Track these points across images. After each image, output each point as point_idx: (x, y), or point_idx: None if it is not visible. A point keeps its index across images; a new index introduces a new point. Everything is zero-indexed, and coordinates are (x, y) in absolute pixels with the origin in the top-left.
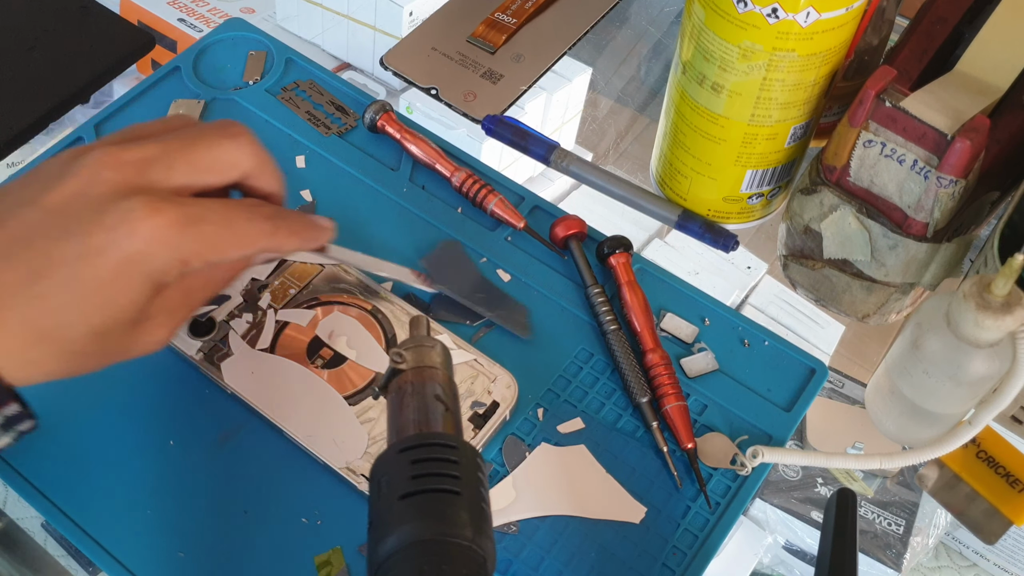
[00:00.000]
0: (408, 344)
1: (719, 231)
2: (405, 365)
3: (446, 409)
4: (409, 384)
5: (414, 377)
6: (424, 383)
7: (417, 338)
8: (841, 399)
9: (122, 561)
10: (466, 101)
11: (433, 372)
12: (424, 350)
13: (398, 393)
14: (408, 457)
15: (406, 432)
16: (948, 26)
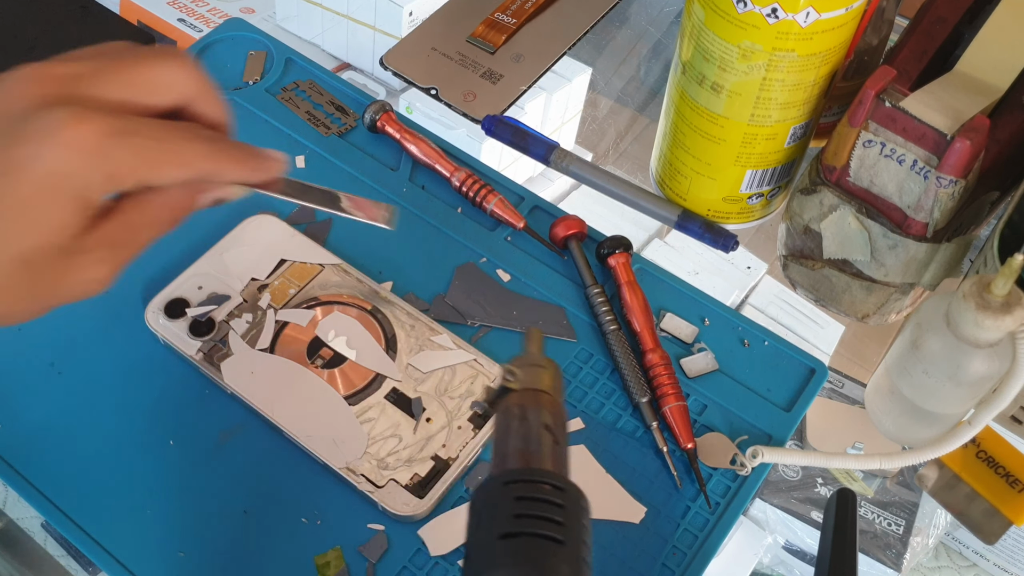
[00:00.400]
0: (521, 362)
1: (719, 231)
2: (517, 384)
3: (555, 442)
4: (517, 407)
5: (524, 400)
6: (534, 408)
7: (531, 356)
8: (841, 399)
9: (122, 561)
10: (466, 101)
11: (544, 397)
12: (537, 371)
13: (505, 415)
14: (513, 492)
15: (510, 462)
16: (948, 26)
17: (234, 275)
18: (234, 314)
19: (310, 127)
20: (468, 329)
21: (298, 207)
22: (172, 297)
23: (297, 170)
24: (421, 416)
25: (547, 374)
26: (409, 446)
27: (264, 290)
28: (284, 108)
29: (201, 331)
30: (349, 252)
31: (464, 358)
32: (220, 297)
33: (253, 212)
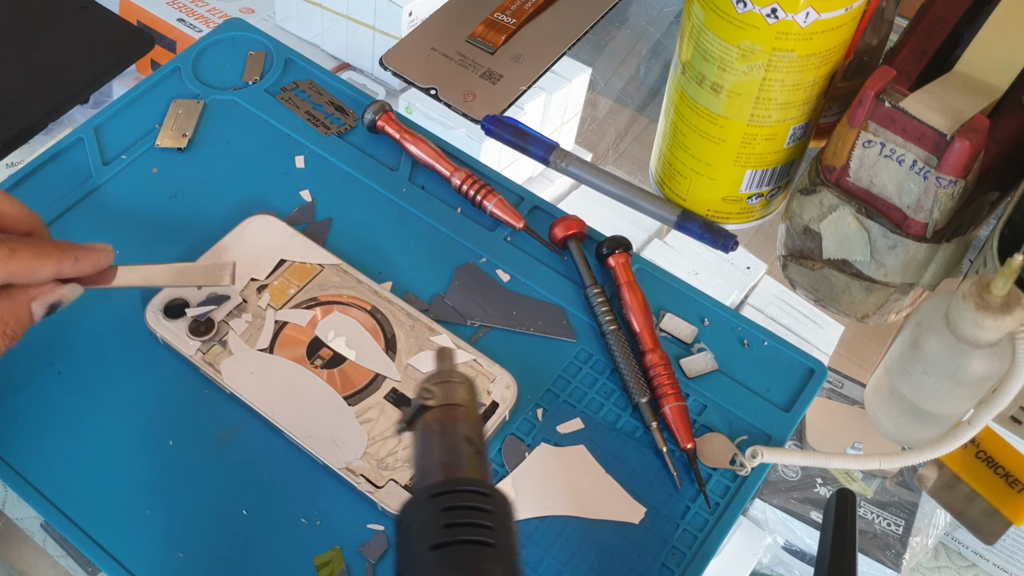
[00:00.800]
0: (436, 379)
1: (718, 231)
2: (434, 401)
3: (476, 452)
4: (436, 423)
5: (442, 415)
6: (453, 422)
7: (444, 372)
8: (840, 399)
9: (121, 561)
10: (465, 101)
11: (461, 411)
12: (453, 386)
13: (425, 431)
14: (440, 504)
15: (434, 475)
16: (947, 26)
17: None
18: (233, 314)
19: (310, 127)
20: (468, 329)
21: (297, 207)
22: (171, 297)
23: (297, 170)
24: None
25: (462, 388)
26: (409, 446)
27: (264, 290)
28: (284, 108)
29: (200, 331)
30: (349, 252)
31: (463, 358)
32: (219, 297)
33: (253, 212)
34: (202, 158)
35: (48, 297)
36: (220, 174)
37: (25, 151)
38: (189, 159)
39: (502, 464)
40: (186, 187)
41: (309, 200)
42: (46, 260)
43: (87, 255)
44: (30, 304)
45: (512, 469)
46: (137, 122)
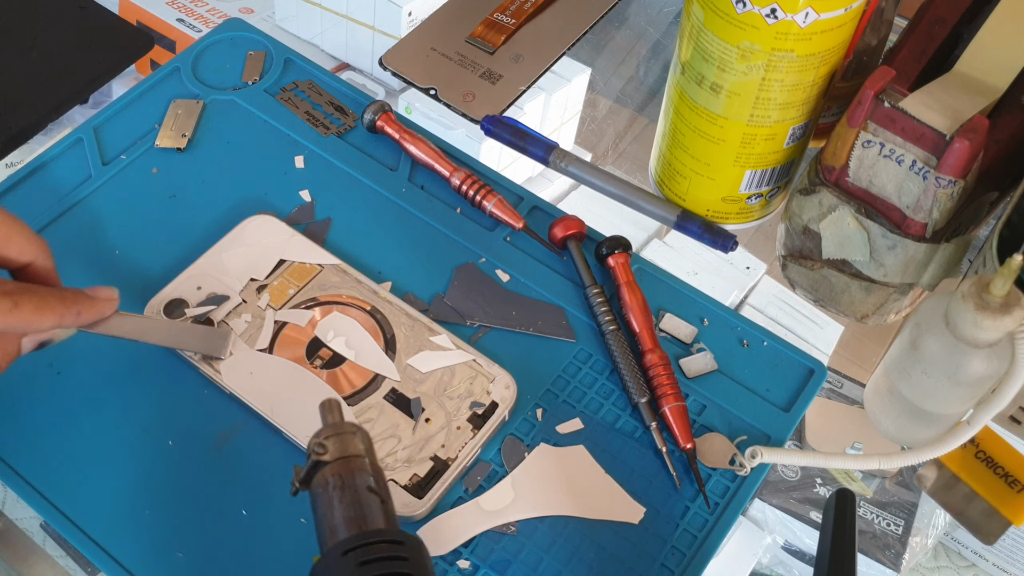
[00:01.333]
0: (326, 432)
1: (718, 231)
2: (328, 456)
3: (381, 501)
4: (335, 477)
5: (340, 469)
6: (352, 474)
7: (335, 425)
8: (840, 399)
9: (120, 561)
10: (465, 101)
11: (360, 461)
12: (346, 438)
13: (325, 488)
14: (353, 559)
15: (341, 532)
16: (947, 26)
17: (233, 275)
18: (233, 314)
19: (309, 127)
20: (467, 329)
21: (297, 208)
22: (171, 297)
23: (296, 170)
24: (420, 416)
25: (356, 439)
26: (408, 446)
27: (263, 290)
28: (283, 108)
29: None
30: (348, 252)
31: (463, 358)
32: (219, 297)
33: (252, 212)
34: (201, 158)
35: (39, 336)
36: (220, 174)
37: (25, 151)
38: (188, 159)
39: (501, 464)
40: (186, 187)
41: (308, 200)
42: (48, 314)
43: (91, 308)
44: (21, 339)
45: (511, 469)
46: (136, 122)
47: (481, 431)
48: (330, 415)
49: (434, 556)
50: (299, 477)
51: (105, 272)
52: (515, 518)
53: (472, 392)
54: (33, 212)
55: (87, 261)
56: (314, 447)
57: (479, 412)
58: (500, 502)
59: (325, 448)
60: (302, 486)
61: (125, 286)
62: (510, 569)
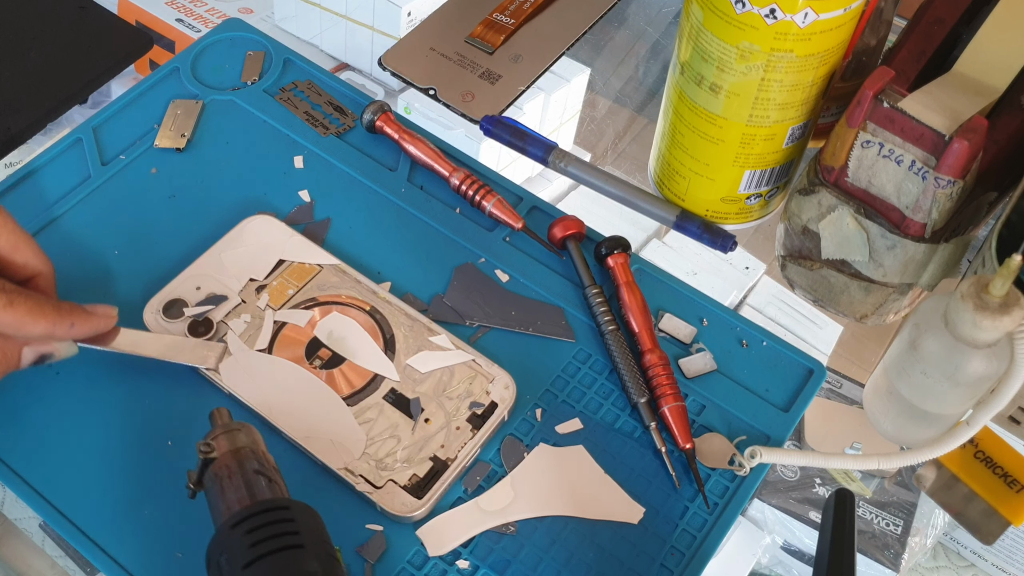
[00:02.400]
0: (214, 433)
1: (717, 231)
2: (216, 453)
3: (269, 480)
4: (224, 468)
5: (228, 461)
6: (240, 462)
7: (221, 425)
8: (839, 399)
9: (119, 561)
10: (464, 101)
11: (245, 451)
12: (232, 434)
13: (216, 480)
14: (242, 530)
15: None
16: (946, 27)
17: (232, 275)
18: (232, 314)
19: (308, 127)
20: (467, 329)
21: (296, 208)
22: (170, 297)
23: (296, 170)
24: (419, 417)
25: (241, 433)
26: (407, 447)
27: (262, 290)
28: (282, 108)
29: (199, 331)
30: (347, 252)
31: (462, 359)
32: (218, 297)
33: (251, 212)
34: (201, 158)
35: (39, 347)
36: (219, 174)
37: (24, 151)
38: (188, 159)
39: (501, 464)
40: (185, 187)
41: (308, 200)
42: (40, 319)
43: (85, 322)
44: (22, 347)
45: (511, 469)
46: (136, 122)
47: (480, 431)
48: (219, 418)
49: (433, 556)
50: (192, 480)
51: (104, 273)
52: (514, 518)
53: (471, 392)
54: (32, 212)
55: (86, 261)
56: (201, 448)
57: (478, 412)
58: (499, 502)
59: (211, 447)
60: (196, 487)
61: (124, 286)
62: (509, 569)
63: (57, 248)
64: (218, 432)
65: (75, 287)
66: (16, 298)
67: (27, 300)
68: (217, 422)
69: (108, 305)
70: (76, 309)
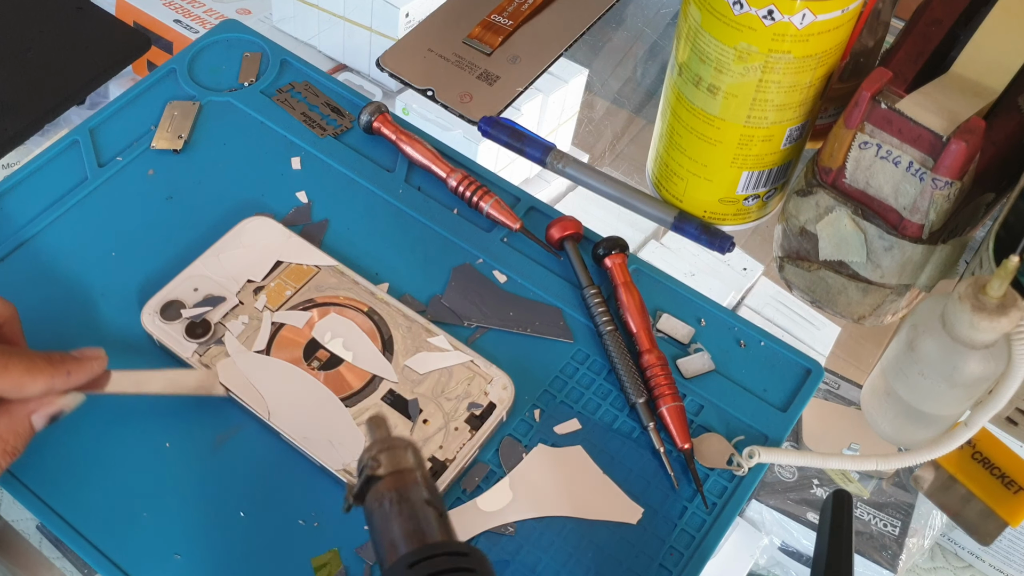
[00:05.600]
0: (378, 447)
1: (715, 232)
2: (382, 470)
3: (439, 514)
4: (392, 492)
5: (395, 484)
6: (407, 488)
7: (385, 439)
8: (837, 400)
9: (118, 563)
10: (462, 102)
11: (412, 475)
12: (398, 452)
13: (380, 503)
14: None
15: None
16: (943, 28)
17: (230, 277)
18: (230, 316)
19: (306, 128)
20: (465, 330)
21: (294, 209)
22: (168, 299)
23: (293, 171)
24: (418, 418)
25: (408, 452)
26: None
27: (260, 292)
28: (280, 110)
29: (196, 333)
30: (345, 253)
31: (461, 359)
32: (216, 299)
33: (249, 213)
34: (198, 160)
35: (48, 409)
36: (216, 176)
37: (21, 152)
38: (185, 161)
39: (499, 465)
40: (182, 189)
41: (305, 201)
42: (38, 376)
43: (80, 368)
44: (29, 417)
45: (510, 470)
46: (133, 124)
47: (479, 432)
48: (379, 430)
49: None
50: (352, 492)
51: (101, 274)
52: (513, 519)
53: (470, 393)
54: (29, 214)
55: (83, 263)
56: (367, 461)
57: (477, 413)
58: (498, 503)
59: (379, 462)
60: (356, 501)
61: (122, 288)
62: (508, 569)
63: (54, 250)
64: (383, 447)
65: (73, 289)
66: (8, 360)
67: (20, 360)
68: (378, 434)
69: (94, 348)
70: (66, 357)
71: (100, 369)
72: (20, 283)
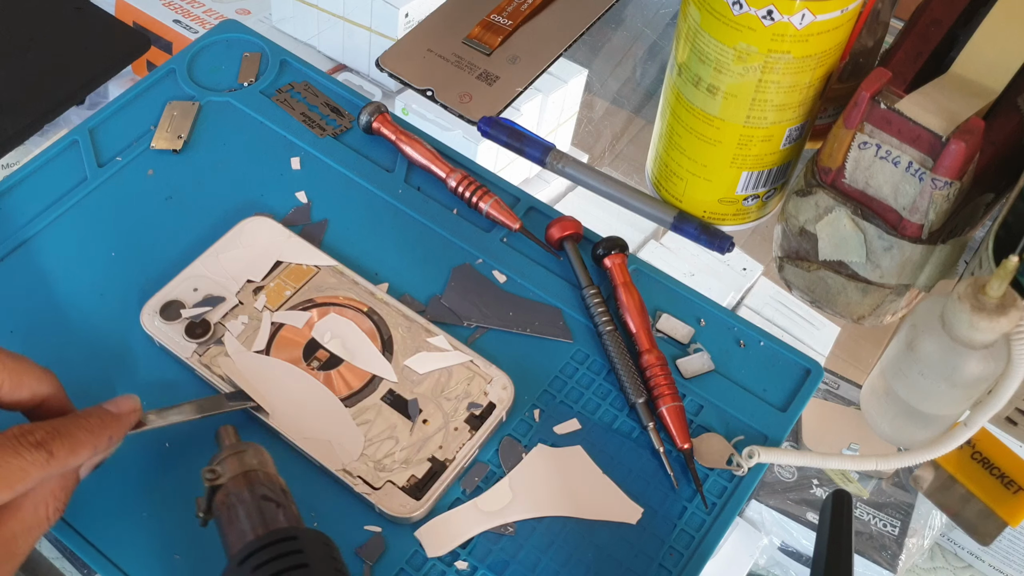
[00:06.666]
0: (220, 457)
1: (715, 233)
2: (223, 479)
3: (277, 505)
4: (232, 495)
5: (235, 486)
6: (249, 487)
7: (228, 447)
8: (836, 400)
9: (117, 564)
10: (462, 103)
11: (253, 475)
12: (238, 456)
13: (224, 508)
14: (248, 566)
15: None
16: (943, 28)
17: (230, 277)
18: (229, 316)
19: (305, 129)
20: (464, 330)
21: (293, 209)
22: (167, 299)
23: (293, 171)
24: (417, 418)
25: (247, 455)
26: (406, 448)
27: (260, 292)
28: (279, 110)
29: (196, 333)
30: (345, 254)
31: (460, 359)
32: (215, 299)
33: (249, 213)
34: (198, 160)
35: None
36: (216, 176)
37: (20, 152)
38: (184, 161)
39: (499, 465)
40: (182, 189)
41: (305, 201)
42: (81, 451)
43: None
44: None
45: (509, 470)
46: (132, 124)
47: (479, 432)
48: (226, 438)
49: (432, 557)
50: (201, 508)
51: (101, 275)
52: (513, 519)
53: (469, 393)
54: (29, 214)
55: (83, 264)
56: (206, 475)
57: (476, 413)
58: (498, 503)
59: (216, 473)
60: (206, 515)
61: (121, 288)
62: (508, 570)
63: (53, 250)
64: (225, 454)
65: (72, 289)
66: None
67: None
68: (224, 442)
69: (129, 396)
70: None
71: (136, 419)
72: (20, 283)
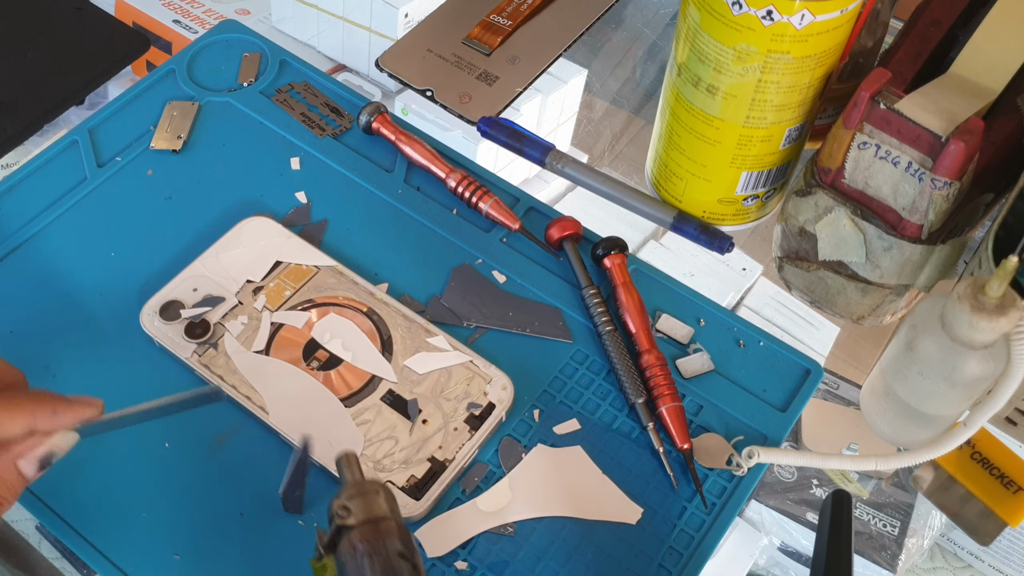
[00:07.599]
0: (349, 493)
1: (714, 233)
2: (353, 519)
3: (413, 567)
4: (364, 543)
5: (368, 534)
6: (381, 539)
7: (356, 484)
8: (836, 401)
9: (117, 564)
10: (461, 103)
11: (387, 524)
12: (370, 498)
13: (353, 555)
14: None
15: None
16: (942, 28)
17: (229, 277)
18: (229, 316)
19: (305, 129)
20: (464, 330)
21: (293, 209)
22: (167, 299)
23: (292, 172)
24: (417, 418)
25: (380, 497)
26: (405, 448)
27: (259, 292)
28: (279, 110)
29: (196, 333)
30: (345, 254)
31: (460, 360)
32: (215, 299)
33: (248, 214)
34: (197, 160)
35: (36, 452)
36: (215, 176)
37: (20, 153)
38: (184, 161)
39: (499, 465)
40: (181, 189)
41: (305, 202)
42: (17, 413)
43: (68, 409)
44: (16, 464)
45: (509, 470)
46: (132, 124)
47: (478, 432)
48: (349, 472)
49: (431, 557)
50: (323, 542)
51: (101, 275)
52: (513, 519)
53: (469, 393)
54: (28, 214)
55: (83, 264)
56: (337, 510)
57: (476, 413)
58: (498, 503)
59: (349, 511)
60: (327, 552)
61: (121, 288)
62: (508, 570)
63: (53, 250)
64: (354, 492)
65: (72, 289)
66: None
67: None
68: (349, 477)
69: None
70: (55, 396)
71: (92, 414)
72: (19, 283)
